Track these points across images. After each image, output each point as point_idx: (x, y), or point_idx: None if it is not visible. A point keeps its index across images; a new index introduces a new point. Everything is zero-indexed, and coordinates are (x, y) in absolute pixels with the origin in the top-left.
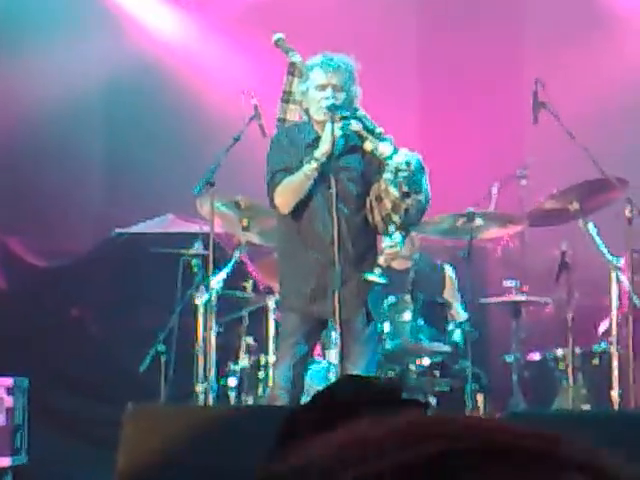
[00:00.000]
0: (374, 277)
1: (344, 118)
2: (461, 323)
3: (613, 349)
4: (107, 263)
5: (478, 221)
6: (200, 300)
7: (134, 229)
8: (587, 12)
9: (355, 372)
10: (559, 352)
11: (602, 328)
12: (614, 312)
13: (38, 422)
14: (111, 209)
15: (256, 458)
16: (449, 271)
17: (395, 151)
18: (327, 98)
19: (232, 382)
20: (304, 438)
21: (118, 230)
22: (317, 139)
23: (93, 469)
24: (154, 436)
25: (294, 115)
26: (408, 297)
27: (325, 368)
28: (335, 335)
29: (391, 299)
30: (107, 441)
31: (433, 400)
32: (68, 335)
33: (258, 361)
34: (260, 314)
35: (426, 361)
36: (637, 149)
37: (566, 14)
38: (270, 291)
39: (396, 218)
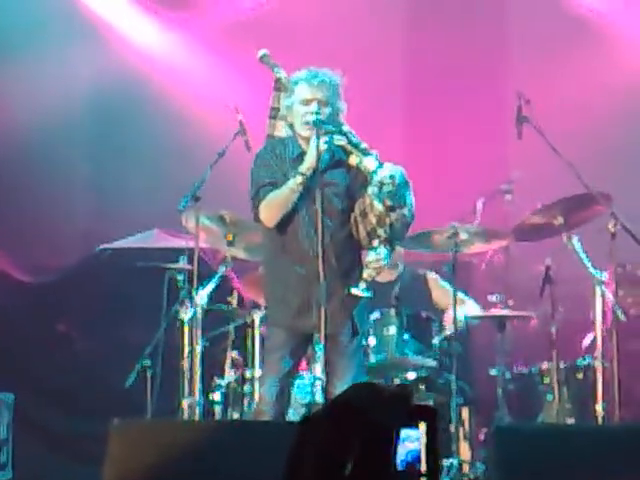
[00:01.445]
0: (359, 291)
1: (329, 133)
2: (446, 338)
3: (597, 363)
4: (92, 278)
5: (463, 236)
6: (185, 315)
7: (119, 244)
8: (572, 24)
9: (341, 386)
10: (544, 366)
11: (586, 342)
12: (598, 326)
13: (23, 437)
14: (96, 224)
15: (242, 472)
16: (431, 276)
17: (380, 165)
18: (312, 113)
19: (217, 396)
20: (317, 438)
21: (103, 245)
22: (302, 154)
23: None
24: (140, 451)
25: (282, 131)
26: (393, 311)
27: (311, 382)
28: (320, 349)
29: (376, 314)
30: (93, 456)
31: None
32: (54, 350)
33: (244, 376)
34: (245, 329)
35: (411, 375)
36: (622, 163)
37: (551, 26)
38: (256, 306)
39: (381, 232)
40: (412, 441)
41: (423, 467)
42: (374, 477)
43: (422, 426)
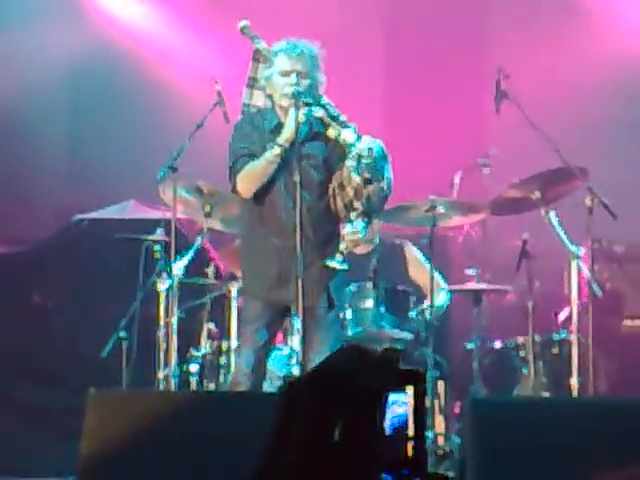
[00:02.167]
0: (335, 264)
1: (308, 105)
2: (423, 311)
3: (573, 337)
4: (68, 249)
5: (440, 209)
6: (162, 286)
7: (95, 215)
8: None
9: (317, 359)
10: (520, 340)
11: (562, 316)
12: (574, 301)
13: None
14: (72, 195)
15: (218, 443)
16: (409, 247)
17: (358, 138)
18: (291, 84)
19: (194, 368)
20: (304, 406)
21: (79, 216)
22: (280, 125)
23: (55, 455)
24: (117, 421)
25: (259, 100)
26: (370, 284)
27: (287, 355)
28: (297, 322)
29: (353, 286)
30: (69, 428)
31: None
32: (29, 321)
33: (220, 347)
34: (222, 300)
35: (395, 348)
36: (600, 139)
37: (533, 1)
38: (232, 277)
39: (358, 205)
40: (400, 405)
41: (411, 431)
42: (363, 442)
43: (410, 390)
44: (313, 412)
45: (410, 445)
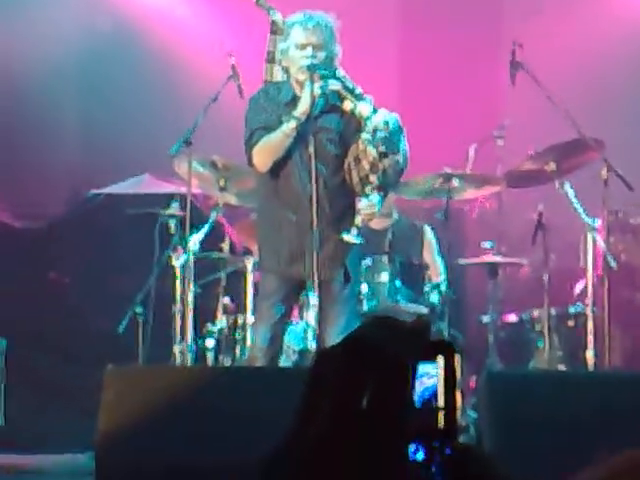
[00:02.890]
0: (351, 237)
1: (324, 77)
2: (438, 284)
3: (588, 310)
4: (83, 224)
5: (455, 182)
6: (177, 261)
7: (110, 189)
8: None
9: (333, 333)
10: (535, 313)
11: (578, 289)
12: (590, 273)
13: (15, 384)
14: (87, 170)
15: (235, 417)
16: (428, 232)
17: (374, 111)
18: (307, 57)
19: (210, 343)
20: (333, 376)
21: (94, 191)
22: (296, 98)
23: (72, 430)
24: (134, 396)
25: (279, 75)
26: (385, 258)
27: (303, 329)
28: (313, 296)
29: (368, 260)
30: (85, 402)
31: None
32: (45, 296)
33: (236, 322)
34: (238, 275)
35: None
36: (616, 110)
37: None
38: (248, 252)
39: (374, 179)
40: (429, 377)
41: (440, 402)
42: (391, 414)
43: (440, 360)
44: (342, 381)
45: (441, 416)
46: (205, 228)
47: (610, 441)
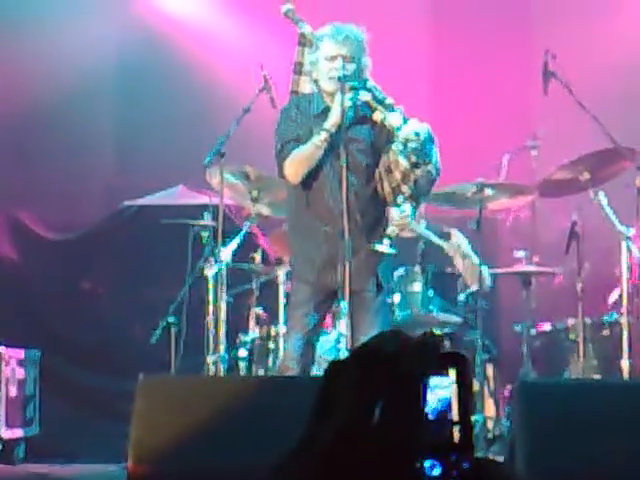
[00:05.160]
0: (383, 247)
1: (354, 89)
2: (472, 294)
3: (623, 319)
4: (117, 235)
5: (488, 191)
6: (210, 272)
7: (144, 201)
8: None
9: None
10: (569, 322)
11: (612, 298)
12: (624, 282)
13: (50, 394)
14: (121, 181)
15: (267, 428)
16: (455, 233)
17: (405, 122)
18: (337, 69)
19: (242, 353)
20: (345, 384)
21: (128, 202)
22: (326, 110)
23: (105, 440)
24: (167, 407)
25: (306, 88)
26: (418, 268)
27: (335, 339)
28: (345, 306)
29: (401, 270)
30: (119, 412)
31: None
32: (79, 307)
33: (268, 332)
34: (270, 285)
35: (436, 332)
36: None
37: None
38: (280, 262)
39: (405, 189)
40: (443, 389)
41: (455, 416)
42: (404, 426)
43: (452, 373)
44: (353, 393)
45: (456, 430)
46: (237, 239)
47: None
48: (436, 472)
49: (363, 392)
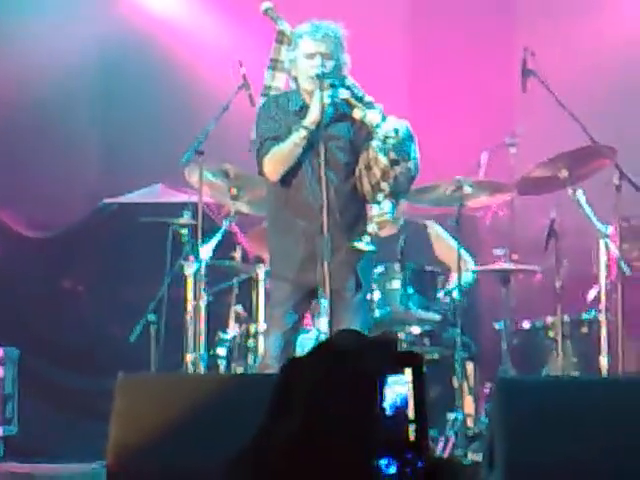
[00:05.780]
0: (363, 245)
1: (333, 86)
2: (450, 291)
3: (602, 317)
4: (96, 233)
5: (467, 189)
6: (190, 270)
7: (123, 199)
8: None
9: None
10: (548, 320)
11: (591, 296)
12: (603, 280)
13: (29, 393)
14: (100, 179)
15: (246, 425)
16: (432, 225)
17: (384, 119)
18: (316, 66)
19: (222, 351)
20: (303, 382)
21: (107, 200)
22: (305, 107)
23: (87, 440)
24: (146, 405)
25: (281, 82)
26: (397, 266)
27: (315, 337)
28: (325, 304)
29: (380, 268)
30: (98, 411)
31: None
32: (58, 305)
33: (248, 330)
34: (250, 283)
35: (415, 329)
36: (628, 116)
37: None
38: (260, 260)
39: (385, 186)
40: (402, 385)
41: (411, 414)
42: (361, 422)
43: (408, 372)
44: (312, 387)
45: (411, 429)
46: (217, 237)
47: (624, 447)
48: (392, 470)
49: (321, 389)
